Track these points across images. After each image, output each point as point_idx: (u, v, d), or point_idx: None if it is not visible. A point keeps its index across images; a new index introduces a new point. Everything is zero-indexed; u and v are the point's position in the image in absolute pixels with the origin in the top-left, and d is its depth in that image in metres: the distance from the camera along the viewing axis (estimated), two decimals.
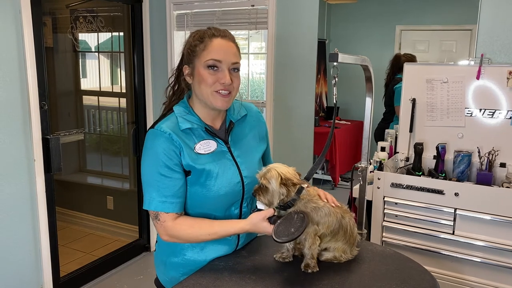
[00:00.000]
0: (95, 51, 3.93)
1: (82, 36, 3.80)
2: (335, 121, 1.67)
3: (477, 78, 2.35)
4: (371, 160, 2.37)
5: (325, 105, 4.78)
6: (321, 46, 4.10)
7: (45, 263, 2.63)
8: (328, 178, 4.48)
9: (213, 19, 3.21)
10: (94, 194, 4.02)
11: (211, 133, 1.40)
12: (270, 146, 1.63)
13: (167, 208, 1.33)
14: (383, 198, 2.27)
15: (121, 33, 3.59)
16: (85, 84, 4.10)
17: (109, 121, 4.01)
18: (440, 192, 2.12)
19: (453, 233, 2.12)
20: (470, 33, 2.82)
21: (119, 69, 3.81)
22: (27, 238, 2.53)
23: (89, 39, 3.92)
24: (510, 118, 2.29)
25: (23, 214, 2.49)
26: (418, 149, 2.37)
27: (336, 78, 1.60)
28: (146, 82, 3.36)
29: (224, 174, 1.37)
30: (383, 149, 2.52)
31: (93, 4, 3.49)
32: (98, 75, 3.91)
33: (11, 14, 2.33)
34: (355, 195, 2.27)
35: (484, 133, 2.35)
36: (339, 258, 1.38)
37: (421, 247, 2.21)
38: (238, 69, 1.38)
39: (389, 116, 3.32)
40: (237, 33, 3.53)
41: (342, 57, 1.66)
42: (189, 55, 1.36)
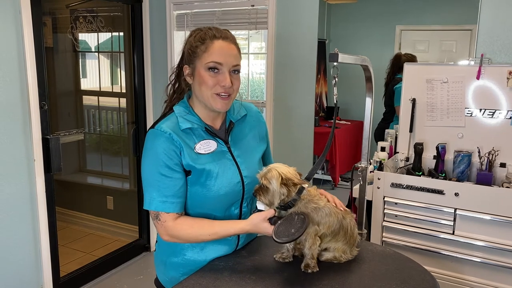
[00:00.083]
0: (95, 51, 3.93)
1: (82, 36, 3.80)
2: (335, 121, 1.66)
3: (477, 78, 2.35)
4: (371, 160, 2.37)
5: (325, 105, 4.78)
6: (321, 46, 4.10)
7: (45, 263, 2.63)
8: (328, 178, 4.47)
9: (213, 19, 3.21)
10: (94, 194, 4.02)
11: (211, 133, 1.40)
12: (270, 146, 1.63)
13: (168, 208, 1.33)
14: (383, 198, 2.27)
15: (121, 33, 3.59)
16: (85, 84, 4.10)
17: (109, 121, 4.01)
18: (440, 192, 2.12)
19: (453, 233, 2.13)
20: (470, 33, 2.81)
21: (119, 69, 3.81)
22: (27, 238, 2.53)
23: (89, 39, 3.92)
24: (510, 118, 2.29)
25: (23, 214, 2.49)
26: (418, 149, 2.37)
27: (336, 78, 1.60)
28: (146, 82, 3.36)
29: (224, 174, 1.37)
30: (383, 149, 2.52)
31: (93, 4, 3.49)
32: (98, 75, 3.91)
33: (11, 14, 2.33)
34: (355, 195, 2.27)
35: (484, 133, 2.35)
36: (339, 258, 1.38)
37: (421, 247, 2.21)
38: (239, 71, 1.38)
39: (389, 116, 3.31)
40: (237, 33, 3.53)
41: (342, 57, 1.66)
42: (190, 56, 1.36)
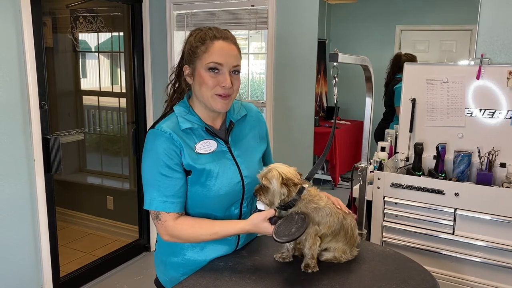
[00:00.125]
0: (95, 51, 3.93)
1: (82, 36, 3.80)
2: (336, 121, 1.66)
3: (477, 78, 2.35)
4: (371, 160, 2.37)
5: (325, 105, 4.78)
6: (321, 46, 4.10)
7: (45, 263, 2.63)
8: (328, 178, 4.48)
9: (213, 19, 3.21)
10: (94, 194, 4.02)
11: (211, 133, 1.40)
12: (270, 146, 1.63)
13: (168, 208, 1.33)
14: (383, 198, 2.27)
15: (121, 33, 3.59)
16: (85, 84, 4.10)
17: (109, 121, 4.01)
18: (440, 192, 2.12)
19: (453, 233, 2.13)
20: (470, 33, 2.82)
21: (119, 69, 3.81)
22: (27, 238, 2.53)
23: (89, 39, 3.92)
24: (510, 118, 2.29)
25: (23, 214, 2.49)
26: (418, 149, 2.37)
27: (336, 78, 1.60)
28: (146, 82, 3.36)
29: (224, 174, 1.37)
30: (383, 149, 2.52)
31: (93, 4, 3.49)
32: (98, 75, 3.91)
33: (11, 14, 2.33)
34: (355, 195, 2.27)
35: (484, 133, 2.35)
36: (339, 259, 1.38)
37: (421, 247, 2.21)
38: (239, 71, 1.38)
39: (389, 116, 3.32)
40: (237, 33, 3.53)
41: (342, 57, 1.66)
42: (190, 56, 1.36)
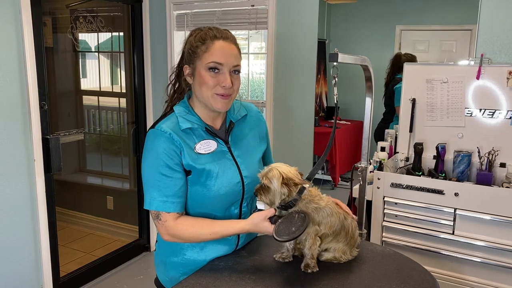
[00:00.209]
0: (95, 51, 3.93)
1: (82, 36, 3.80)
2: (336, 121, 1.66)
3: (477, 78, 2.35)
4: (371, 160, 2.37)
5: (325, 105, 4.78)
6: (321, 46, 4.10)
7: (45, 263, 2.63)
8: (328, 178, 4.48)
9: (213, 19, 3.22)
10: (94, 194, 4.02)
11: (211, 133, 1.40)
12: (270, 146, 1.63)
13: (168, 208, 1.33)
14: (383, 198, 2.27)
15: (121, 33, 3.59)
16: (85, 84, 4.10)
17: (109, 121, 4.01)
18: (440, 192, 2.12)
19: (453, 233, 2.13)
20: (470, 33, 2.82)
21: (119, 69, 3.81)
22: (27, 238, 2.53)
23: (89, 39, 3.92)
24: (510, 118, 2.29)
25: (23, 214, 2.49)
26: (418, 149, 2.37)
27: (336, 78, 1.60)
28: (146, 82, 3.36)
29: (224, 174, 1.37)
30: (383, 149, 2.52)
31: (93, 4, 3.49)
32: (98, 75, 3.91)
33: (11, 14, 2.33)
34: (355, 195, 2.27)
35: (484, 133, 2.35)
36: (339, 259, 1.38)
37: (421, 247, 2.21)
38: (239, 71, 1.38)
39: (389, 116, 3.32)
40: (237, 33, 3.53)
41: (342, 57, 1.66)
42: (190, 56, 1.36)
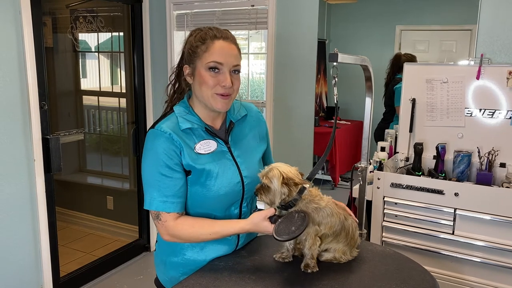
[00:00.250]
0: (95, 51, 3.93)
1: (82, 36, 3.80)
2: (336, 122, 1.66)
3: (477, 78, 2.35)
4: (371, 160, 2.37)
5: (325, 105, 4.78)
6: (321, 46, 4.10)
7: (45, 263, 2.63)
8: (328, 178, 4.48)
9: (213, 19, 3.22)
10: (94, 194, 4.02)
11: (211, 133, 1.40)
12: (270, 146, 1.63)
13: (168, 208, 1.33)
14: (383, 198, 2.27)
15: (121, 33, 3.59)
16: (85, 84, 4.10)
17: (109, 121, 4.01)
18: (440, 192, 2.12)
19: (453, 233, 2.13)
20: (470, 33, 2.81)
21: (119, 69, 3.81)
22: (27, 238, 2.53)
23: (89, 39, 3.92)
24: (510, 118, 2.29)
25: (23, 214, 2.49)
26: (418, 149, 2.37)
27: (336, 78, 1.60)
28: (146, 82, 3.36)
29: (224, 174, 1.37)
30: (383, 149, 2.53)
31: (93, 4, 3.49)
32: (98, 75, 3.91)
33: (11, 14, 2.33)
34: (355, 195, 2.27)
35: (484, 133, 2.35)
36: (339, 259, 1.38)
37: (421, 247, 2.21)
38: (239, 71, 1.38)
39: (389, 116, 3.31)
40: (237, 33, 3.53)
41: (342, 57, 1.66)
42: (190, 56, 1.36)
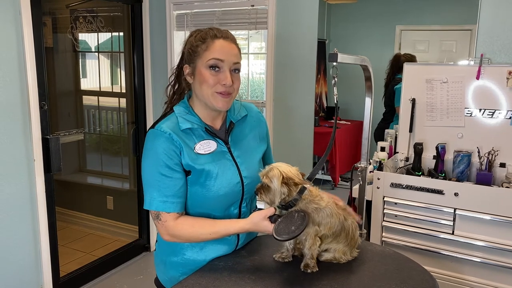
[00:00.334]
0: (95, 51, 3.93)
1: (82, 36, 3.80)
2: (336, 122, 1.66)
3: (477, 78, 2.35)
4: (371, 160, 2.37)
5: (325, 105, 4.78)
6: (321, 46, 4.10)
7: (45, 263, 2.63)
8: (328, 178, 4.47)
9: (213, 19, 3.22)
10: (94, 194, 4.02)
11: (211, 133, 1.40)
12: (271, 146, 1.63)
13: (168, 208, 1.33)
14: (383, 198, 2.27)
15: (121, 33, 3.59)
16: (85, 84, 4.10)
17: (109, 121, 4.01)
18: (440, 192, 2.12)
19: (453, 233, 2.13)
20: (470, 33, 2.81)
21: (119, 69, 3.81)
22: (27, 238, 2.53)
23: (89, 39, 3.92)
24: (510, 118, 2.29)
25: (23, 214, 2.49)
26: (418, 149, 2.37)
27: (336, 78, 1.60)
28: (146, 82, 3.36)
29: (224, 175, 1.37)
30: (383, 149, 2.52)
31: (93, 4, 3.49)
32: (98, 75, 3.91)
33: (11, 15, 2.33)
34: (355, 195, 2.27)
35: (484, 133, 2.35)
36: (339, 259, 1.38)
37: (421, 247, 2.21)
38: (239, 70, 1.38)
39: (389, 116, 3.32)
40: (237, 33, 3.53)
41: (342, 57, 1.66)
42: (190, 55, 1.36)
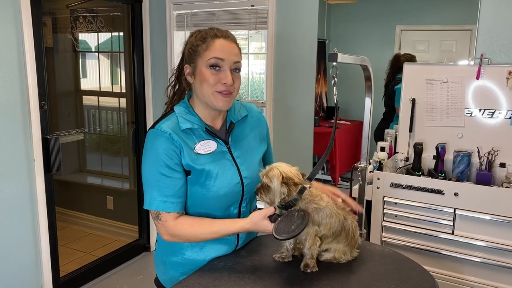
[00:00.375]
0: (95, 51, 3.93)
1: (82, 36, 3.80)
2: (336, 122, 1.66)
3: (477, 78, 2.35)
4: (371, 160, 2.37)
5: (325, 105, 4.77)
6: (321, 46, 4.09)
7: (45, 263, 2.63)
8: (328, 178, 4.47)
9: (213, 19, 3.22)
10: (94, 194, 4.02)
11: (212, 133, 1.40)
12: (271, 146, 1.63)
13: (168, 208, 1.33)
14: (383, 198, 2.27)
15: (121, 33, 3.59)
16: (85, 84, 4.10)
17: (109, 121, 4.01)
18: (440, 192, 2.12)
19: (453, 233, 2.13)
20: (470, 33, 2.81)
21: (119, 69, 3.81)
22: (27, 238, 2.53)
23: (89, 39, 3.92)
24: (510, 118, 2.29)
25: (23, 214, 2.49)
26: (418, 149, 2.37)
27: (336, 78, 1.60)
28: (146, 82, 3.37)
29: (224, 175, 1.37)
30: (383, 149, 2.52)
31: (93, 4, 3.49)
32: (98, 75, 3.91)
33: (11, 14, 2.33)
34: (355, 195, 2.27)
35: (484, 133, 2.35)
36: (339, 259, 1.38)
37: (421, 247, 2.21)
38: (239, 69, 1.38)
39: (389, 116, 3.31)
40: (237, 33, 3.53)
41: (341, 57, 1.66)
42: (191, 55, 1.36)
